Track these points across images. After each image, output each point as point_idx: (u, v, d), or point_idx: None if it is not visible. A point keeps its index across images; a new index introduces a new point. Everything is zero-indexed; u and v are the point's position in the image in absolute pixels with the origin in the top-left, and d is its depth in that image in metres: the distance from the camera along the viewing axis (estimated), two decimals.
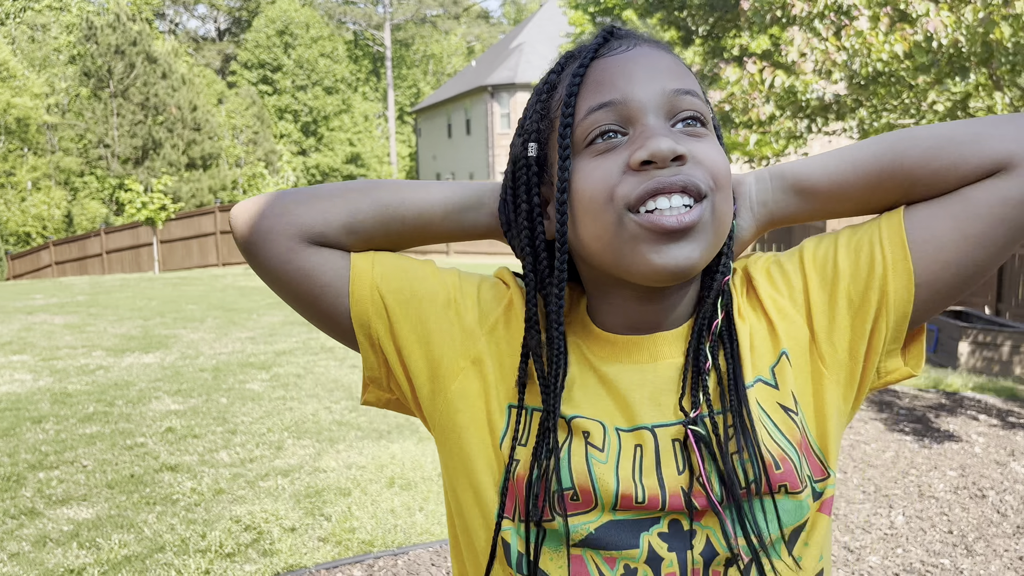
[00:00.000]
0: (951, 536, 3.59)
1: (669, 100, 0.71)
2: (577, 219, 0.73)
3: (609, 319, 0.78)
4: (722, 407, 0.74)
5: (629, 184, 0.69)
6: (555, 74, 0.77)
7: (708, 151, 0.71)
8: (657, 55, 0.74)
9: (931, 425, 5.39)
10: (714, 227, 0.71)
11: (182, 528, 3.35)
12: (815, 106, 5.17)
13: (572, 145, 0.72)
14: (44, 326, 8.86)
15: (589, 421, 0.74)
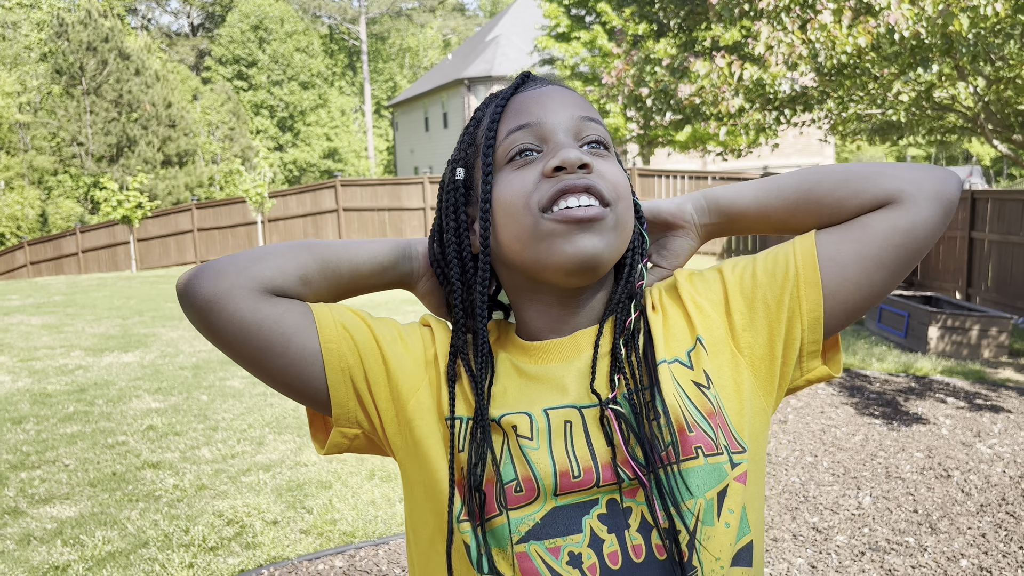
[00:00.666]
0: (916, 515, 3.71)
1: (577, 124, 0.83)
2: (499, 224, 0.82)
3: (533, 326, 0.87)
4: (638, 386, 0.81)
5: (543, 188, 0.79)
6: (480, 111, 0.88)
7: (610, 168, 0.82)
8: (567, 92, 0.86)
9: (900, 408, 5.52)
10: (617, 231, 0.81)
11: (165, 524, 3.40)
12: (783, 98, 5.28)
13: (494, 162, 0.83)
14: (21, 327, 8.82)
15: (515, 415, 0.81)
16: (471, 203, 0.87)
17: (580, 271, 0.80)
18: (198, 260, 19.45)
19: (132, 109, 31.44)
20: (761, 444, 0.86)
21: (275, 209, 18.28)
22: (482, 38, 34.90)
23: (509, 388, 0.85)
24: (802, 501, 3.86)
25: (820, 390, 6.02)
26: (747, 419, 0.84)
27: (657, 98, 5.88)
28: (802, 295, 0.84)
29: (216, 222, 19.35)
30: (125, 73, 31.57)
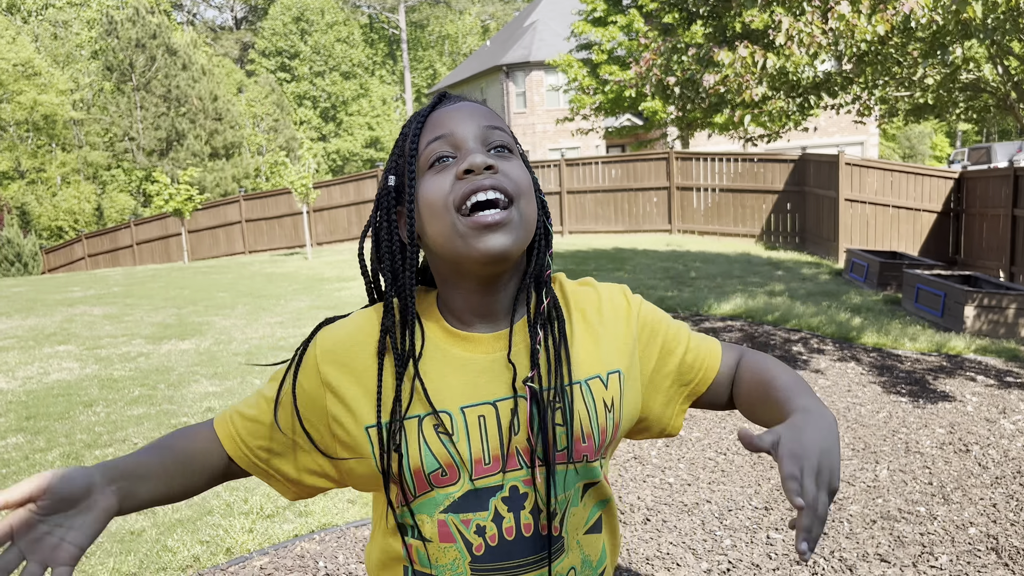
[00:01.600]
0: (931, 487, 3.87)
1: (484, 133, 0.98)
2: (424, 221, 0.97)
3: (455, 309, 1.01)
4: (550, 384, 0.98)
5: (457, 189, 0.94)
6: (407, 127, 1.03)
7: (513, 168, 0.97)
8: (475, 107, 1.02)
9: (928, 387, 5.63)
10: (522, 224, 0.95)
11: (227, 495, 3.73)
12: (807, 85, 5.40)
13: (417, 168, 0.98)
14: (85, 317, 9.32)
15: (439, 415, 0.96)
16: (401, 203, 1.01)
17: (492, 263, 0.94)
18: (247, 250, 20.02)
19: (180, 103, 32.27)
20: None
21: (319, 199, 18.71)
22: (520, 23, 34.94)
23: (432, 363, 0.98)
24: None
25: (849, 369, 6.14)
26: (624, 429, 1.09)
27: (684, 87, 6.04)
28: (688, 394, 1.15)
29: (263, 213, 19.88)
30: (173, 68, 32.40)
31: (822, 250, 13.60)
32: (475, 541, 0.96)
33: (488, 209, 0.94)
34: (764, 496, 3.81)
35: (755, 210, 15.36)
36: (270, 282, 12.08)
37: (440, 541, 0.97)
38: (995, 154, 24.07)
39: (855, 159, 13.18)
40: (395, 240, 1.00)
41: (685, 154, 16.17)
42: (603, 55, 19.25)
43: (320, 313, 8.79)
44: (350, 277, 11.94)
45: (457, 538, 0.96)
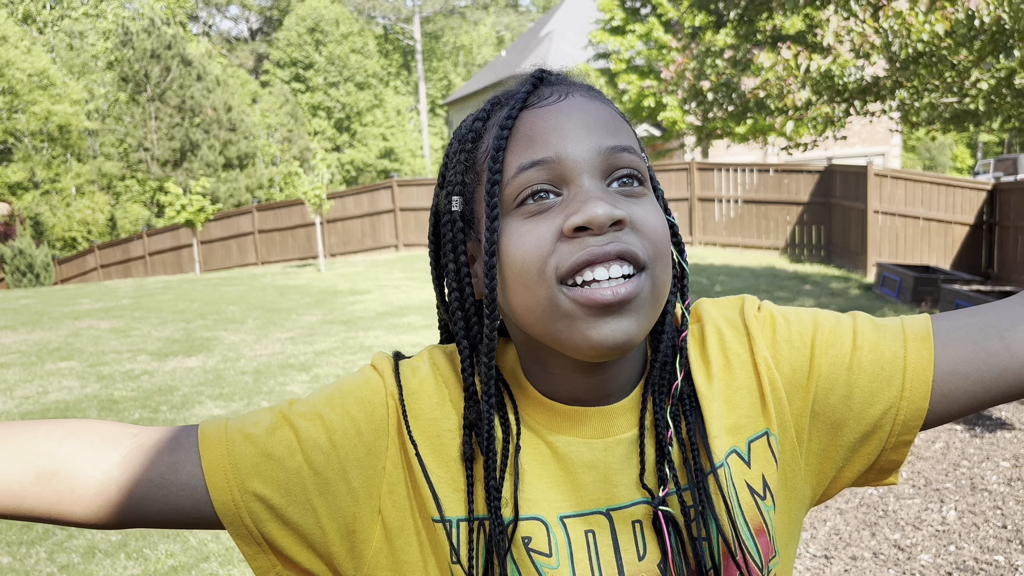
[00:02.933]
0: (1005, 531, 3.49)
1: (605, 158, 0.66)
2: (508, 286, 0.67)
3: (547, 386, 0.72)
4: (688, 483, 0.69)
5: (563, 253, 0.64)
6: (480, 122, 0.71)
7: (647, 215, 0.67)
8: (592, 107, 0.69)
9: (982, 413, 5.24)
10: (653, 298, 0.66)
11: (226, 538, 3.39)
12: (853, 89, 5.04)
13: (501, 204, 0.67)
14: (91, 331, 9.05)
15: (528, 522, 0.68)
16: (470, 239, 0.72)
17: (607, 356, 0.66)
18: (259, 262, 19.81)
19: (194, 114, 32.23)
20: (796, 539, 0.76)
21: (333, 210, 18.49)
22: (535, 34, 34.79)
23: (523, 466, 0.70)
24: (881, 516, 3.67)
25: None
26: (788, 521, 0.73)
27: (719, 92, 5.69)
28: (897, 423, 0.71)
29: (276, 224, 19.67)
30: (187, 79, 32.37)
31: (849, 263, 13.20)
32: None
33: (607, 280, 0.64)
34: (822, 542, 3.43)
35: (779, 222, 14.97)
36: (282, 295, 11.80)
37: None
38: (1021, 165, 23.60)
39: (884, 170, 12.80)
40: (467, 297, 0.71)
41: (706, 165, 15.82)
42: (621, 64, 18.96)
43: (333, 328, 8.48)
44: (363, 290, 11.64)
45: None
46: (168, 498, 0.69)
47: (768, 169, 15.05)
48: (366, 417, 0.71)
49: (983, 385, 0.70)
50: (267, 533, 0.70)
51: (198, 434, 0.71)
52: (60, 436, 0.69)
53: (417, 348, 7.25)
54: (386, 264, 15.70)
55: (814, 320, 0.75)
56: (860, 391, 0.71)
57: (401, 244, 18.63)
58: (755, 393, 0.72)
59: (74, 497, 0.68)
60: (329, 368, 6.54)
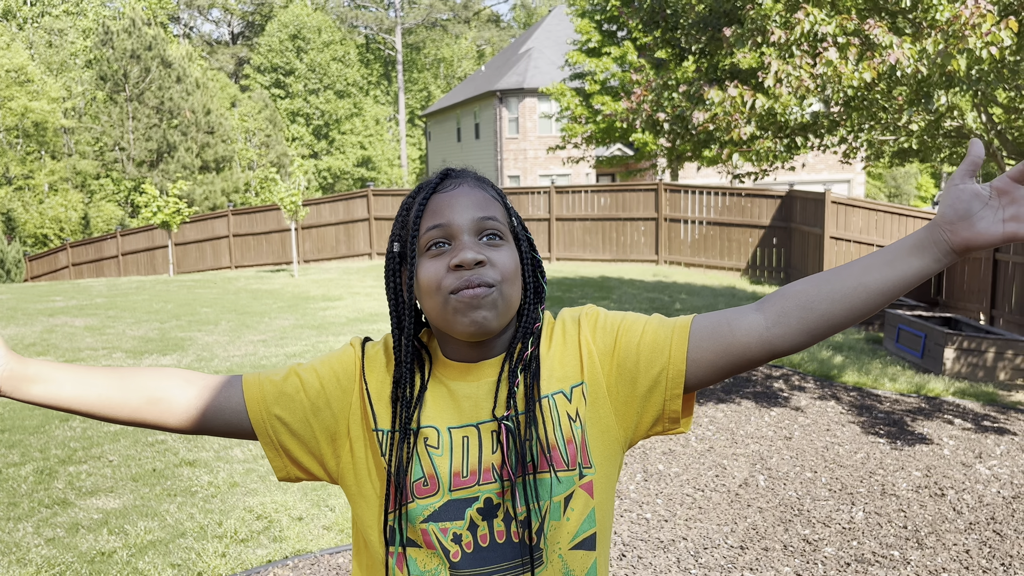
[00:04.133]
0: (905, 531, 3.89)
1: (477, 224, 1.10)
2: (422, 296, 1.11)
3: (450, 353, 1.16)
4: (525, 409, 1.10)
5: (450, 279, 1.07)
6: (411, 198, 1.16)
7: (501, 256, 1.10)
8: (473, 192, 1.13)
9: (906, 428, 5.67)
10: (504, 301, 1.09)
11: (201, 517, 3.70)
12: (794, 126, 5.48)
13: (417, 249, 1.11)
14: (66, 328, 9.25)
15: (427, 429, 1.10)
16: (405, 266, 1.15)
17: (475, 335, 1.08)
18: (233, 265, 19.95)
19: (173, 116, 32.27)
20: (612, 464, 1.17)
21: (308, 217, 18.71)
22: (515, 50, 35.25)
23: (431, 392, 1.13)
24: (796, 514, 4.06)
25: (829, 408, 6.19)
26: (600, 445, 1.15)
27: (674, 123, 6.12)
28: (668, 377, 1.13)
29: (251, 228, 19.84)
30: (167, 80, 32.42)
31: None
32: (452, 548, 1.07)
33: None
34: (740, 535, 3.82)
35: (741, 244, 15.48)
36: (255, 299, 12.04)
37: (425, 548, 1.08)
38: None
39: (841, 198, 13.34)
40: (400, 299, 1.15)
41: (674, 186, 16.30)
42: (596, 85, 19.45)
43: (304, 332, 8.77)
44: (336, 296, 11.91)
45: (436, 545, 1.07)
46: (225, 417, 1.15)
47: (733, 193, 15.56)
48: (343, 370, 1.17)
49: (717, 355, 1.11)
50: (282, 442, 1.15)
51: (242, 379, 1.17)
52: (160, 375, 1.16)
53: None
54: (359, 272, 15.98)
55: (624, 316, 1.19)
56: (645, 358, 1.14)
57: (375, 252, 18.90)
58: (577, 358, 1.15)
59: (171, 413, 1.14)
60: None
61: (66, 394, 1.10)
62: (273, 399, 1.14)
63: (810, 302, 1.07)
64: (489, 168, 31.14)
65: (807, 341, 1.09)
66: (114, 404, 1.12)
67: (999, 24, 4.22)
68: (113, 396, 1.11)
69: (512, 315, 1.13)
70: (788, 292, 1.10)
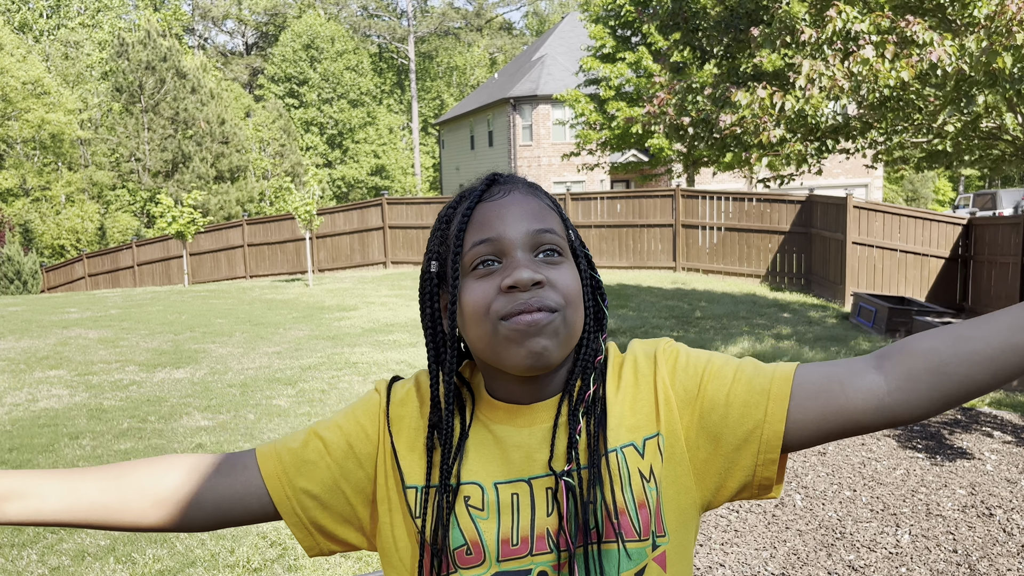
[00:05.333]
0: (956, 555, 3.67)
1: (532, 237, 0.92)
2: (466, 324, 0.93)
3: (498, 391, 0.98)
4: (588, 463, 0.91)
5: (501, 302, 0.89)
6: (452, 209, 0.98)
7: (560, 277, 0.92)
8: (526, 200, 0.95)
9: (944, 442, 5.44)
10: (566, 329, 0.91)
11: (212, 544, 3.53)
12: (825, 128, 5.28)
13: (460, 268, 0.93)
14: (79, 340, 9.15)
15: (470, 486, 0.93)
16: (444, 291, 0.97)
17: (532, 369, 0.90)
18: (248, 275, 19.89)
19: (187, 126, 32.36)
20: (688, 530, 0.97)
21: (323, 226, 18.63)
22: (528, 57, 35.16)
23: (473, 438, 0.96)
24: (838, 537, 3.85)
25: None
26: (676, 509, 0.95)
27: (698, 127, 5.93)
28: (762, 441, 0.92)
29: (266, 238, 19.78)
30: (181, 91, 32.53)
31: (828, 293, 13.45)
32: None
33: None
34: (780, 561, 3.61)
35: (760, 250, 15.23)
36: (270, 309, 11.92)
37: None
38: (1000, 200, 24.03)
39: (863, 202, 13.08)
40: (439, 329, 0.98)
41: (691, 192, 16.09)
42: (611, 91, 19.28)
43: (319, 343, 8.62)
44: (351, 307, 11.78)
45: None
46: (245, 504, 0.98)
47: (751, 198, 15.32)
48: (369, 423, 1.00)
49: (825, 418, 0.91)
50: (313, 518, 0.98)
51: (256, 454, 0.99)
52: (160, 470, 0.98)
53: (402, 365, 7.41)
54: (374, 281, 15.85)
55: (709, 357, 0.98)
56: (735, 413, 0.93)
57: (389, 261, 18.78)
58: (652, 404, 0.96)
59: (179, 515, 0.97)
60: (315, 383, 6.68)
61: (50, 508, 0.92)
62: (296, 470, 0.98)
63: (944, 364, 0.87)
64: None
65: (936, 409, 0.89)
66: (111, 511, 0.95)
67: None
68: (110, 503, 0.95)
69: (573, 345, 0.94)
70: (915, 350, 0.89)
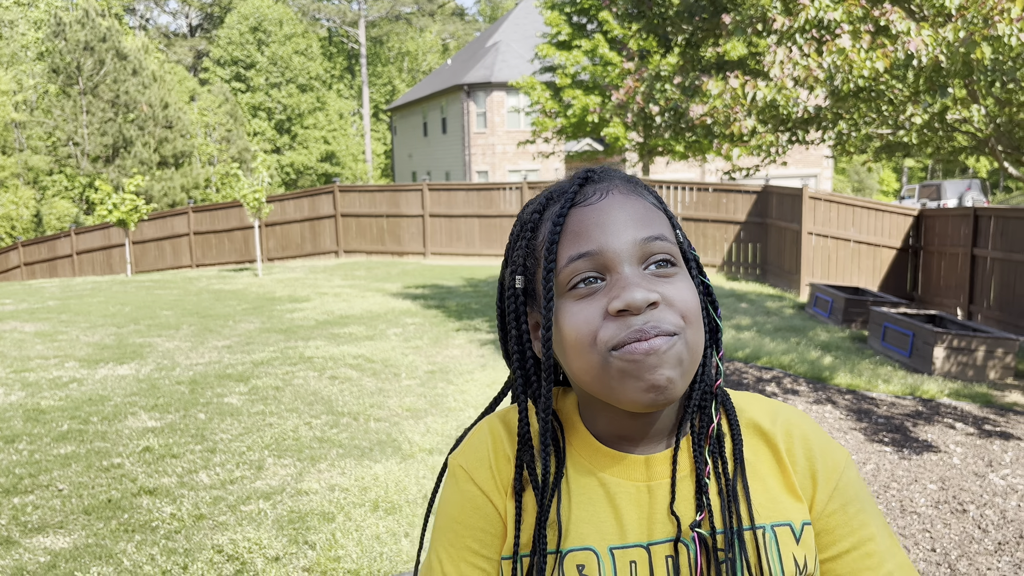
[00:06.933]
0: (935, 554, 3.62)
1: (640, 248, 0.78)
2: (566, 352, 0.79)
3: (599, 427, 0.85)
4: (724, 527, 0.79)
5: (610, 330, 0.76)
6: (537, 214, 0.84)
7: (677, 292, 0.78)
8: (628, 202, 0.81)
9: (909, 435, 5.44)
10: (689, 354, 0.78)
11: (162, 559, 3.28)
12: (796, 119, 5.18)
13: (556, 287, 0.80)
14: (14, 334, 8.69)
15: (581, 552, 0.80)
16: (532, 309, 0.85)
17: (654, 404, 0.77)
18: (194, 264, 19.33)
19: (129, 109, 31.31)
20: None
21: (273, 214, 18.17)
22: (482, 44, 34.84)
23: (575, 486, 0.83)
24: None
25: (827, 413, 5.95)
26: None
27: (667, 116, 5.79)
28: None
29: (213, 226, 19.22)
30: (122, 73, 31.45)
31: (784, 282, 13.56)
32: None
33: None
34: None
35: (717, 240, 15.30)
36: (218, 300, 11.52)
37: None
38: (945, 191, 24.63)
39: (819, 193, 13.20)
40: (529, 356, 0.84)
41: (648, 182, 16.07)
42: (567, 79, 19.13)
43: (271, 336, 8.32)
44: (303, 297, 11.45)
45: None
46: None
47: (707, 188, 15.36)
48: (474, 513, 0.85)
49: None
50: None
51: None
52: None
53: (359, 359, 7.17)
54: (326, 271, 15.49)
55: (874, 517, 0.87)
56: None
57: (342, 251, 18.41)
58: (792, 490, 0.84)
59: None
60: (268, 379, 6.41)
61: None
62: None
63: None
64: (457, 163, 30.72)
65: None
66: None
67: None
68: None
69: (694, 372, 0.80)
70: None
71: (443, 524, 0.87)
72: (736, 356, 7.63)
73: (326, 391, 6.09)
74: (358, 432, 5.10)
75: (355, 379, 6.50)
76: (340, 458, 4.58)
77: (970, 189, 23.86)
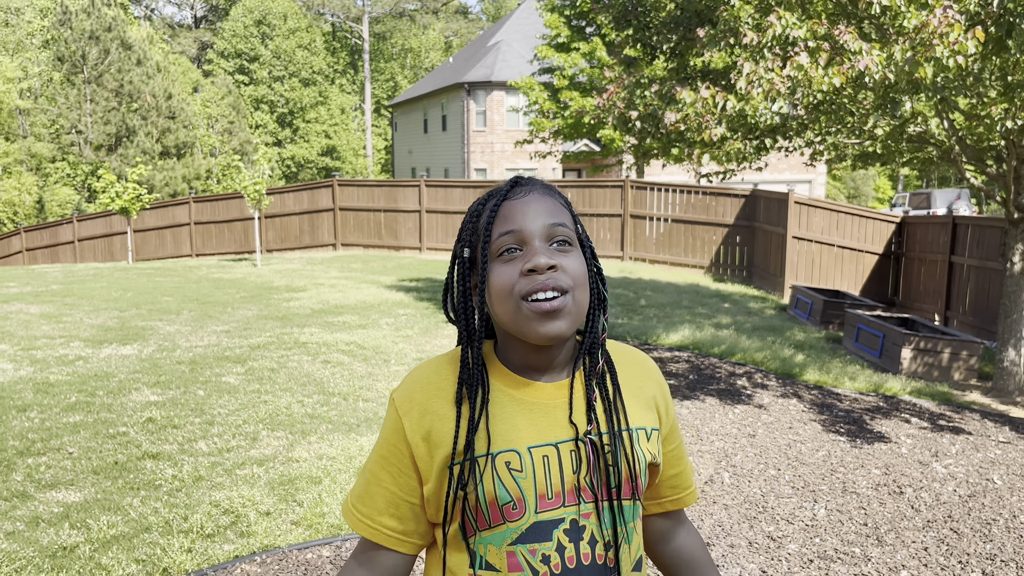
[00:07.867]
0: (866, 528, 3.98)
1: (548, 230, 1.13)
2: (493, 301, 1.13)
3: (515, 361, 1.18)
4: (608, 428, 1.15)
5: (523, 284, 1.09)
6: (481, 204, 1.18)
7: (571, 262, 1.13)
8: (543, 200, 1.16)
9: (865, 427, 5.79)
10: (575, 310, 1.12)
11: (165, 511, 3.64)
12: (764, 128, 5.54)
13: (489, 255, 1.13)
14: (20, 315, 9.03)
15: (507, 453, 1.12)
16: (473, 274, 1.18)
17: (549, 340, 1.10)
18: (194, 253, 19.64)
19: (132, 99, 31.60)
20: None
21: (272, 206, 18.49)
22: (484, 43, 35.13)
23: (498, 408, 1.14)
24: (760, 511, 4.13)
25: (791, 406, 6.29)
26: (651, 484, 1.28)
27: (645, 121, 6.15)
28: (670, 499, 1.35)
29: (213, 216, 19.54)
30: (127, 63, 31.74)
31: (768, 285, 13.91)
32: (541, 569, 1.10)
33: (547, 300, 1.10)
34: (706, 532, 3.87)
35: (705, 242, 15.65)
36: (217, 288, 11.87)
37: (508, 571, 1.10)
38: (935, 200, 24.97)
39: (804, 199, 13.55)
40: (470, 306, 1.17)
41: (640, 183, 16.41)
42: (564, 80, 19.47)
43: (268, 323, 8.67)
44: (300, 288, 11.79)
45: (525, 567, 1.10)
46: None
47: (698, 191, 15.71)
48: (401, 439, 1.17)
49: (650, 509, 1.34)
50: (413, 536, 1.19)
51: (360, 541, 1.21)
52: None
53: (351, 346, 7.52)
54: (323, 263, 15.83)
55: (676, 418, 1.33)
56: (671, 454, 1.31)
57: (339, 243, 18.74)
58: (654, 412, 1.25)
59: None
60: (264, 362, 6.75)
61: None
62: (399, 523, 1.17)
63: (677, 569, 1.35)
64: (456, 161, 31.03)
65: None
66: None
67: (966, 34, 4.32)
68: None
69: (581, 321, 1.15)
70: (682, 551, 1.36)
71: (377, 448, 1.20)
72: (712, 352, 7.96)
73: (319, 374, 6.44)
74: (347, 410, 5.45)
75: (346, 364, 6.85)
76: (329, 432, 4.93)
77: (960, 198, 24.21)
